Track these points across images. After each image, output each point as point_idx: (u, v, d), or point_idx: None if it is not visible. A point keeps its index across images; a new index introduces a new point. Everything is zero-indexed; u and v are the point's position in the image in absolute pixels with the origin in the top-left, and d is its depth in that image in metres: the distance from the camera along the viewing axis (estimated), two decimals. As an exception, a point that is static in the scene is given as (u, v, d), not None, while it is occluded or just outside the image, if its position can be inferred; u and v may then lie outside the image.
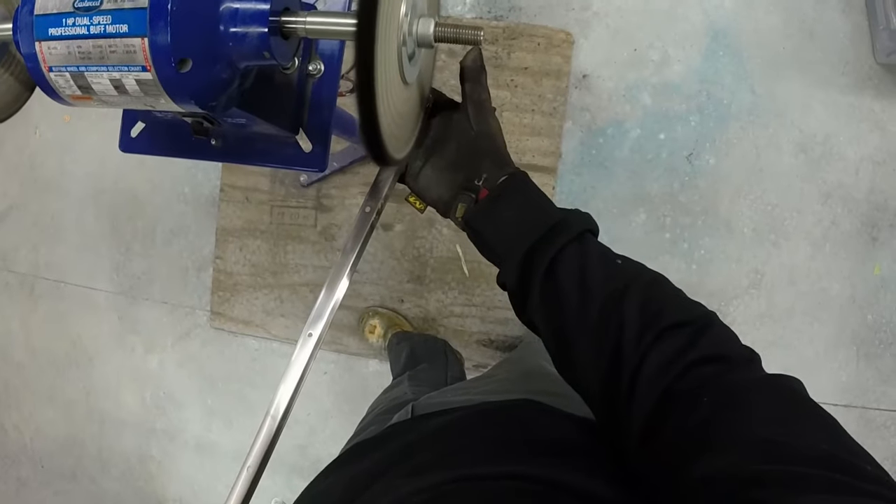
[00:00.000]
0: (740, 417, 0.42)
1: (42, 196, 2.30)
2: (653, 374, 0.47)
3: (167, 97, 0.57)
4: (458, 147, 0.65)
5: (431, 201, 0.67)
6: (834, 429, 0.41)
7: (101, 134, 2.21)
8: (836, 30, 1.80)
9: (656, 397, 0.46)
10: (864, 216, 1.84)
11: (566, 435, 0.57)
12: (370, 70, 0.43)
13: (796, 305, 1.87)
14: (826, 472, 0.35)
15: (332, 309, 0.63)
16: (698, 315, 0.51)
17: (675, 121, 1.85)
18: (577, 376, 0.55)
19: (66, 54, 0.56)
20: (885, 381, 1.87)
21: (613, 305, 0.52)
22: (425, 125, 0.67)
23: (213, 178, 2.09)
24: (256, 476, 0.58)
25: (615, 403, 0.50)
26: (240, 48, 0.58)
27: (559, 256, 0.56)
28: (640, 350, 0.48)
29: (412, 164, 0.67)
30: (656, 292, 0.54)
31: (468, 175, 0.64)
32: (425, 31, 0.55)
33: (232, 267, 2.07)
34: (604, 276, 0.55)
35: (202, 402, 2.20)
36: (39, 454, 2.44)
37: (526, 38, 1.84)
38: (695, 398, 0.44)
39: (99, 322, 2.27)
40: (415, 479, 0.49)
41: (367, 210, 0.66)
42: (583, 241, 0.57)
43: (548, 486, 0.45)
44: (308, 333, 0.62)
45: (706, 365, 0.47)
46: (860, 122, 1.82)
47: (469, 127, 0.64)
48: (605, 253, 0.58)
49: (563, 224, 0.58)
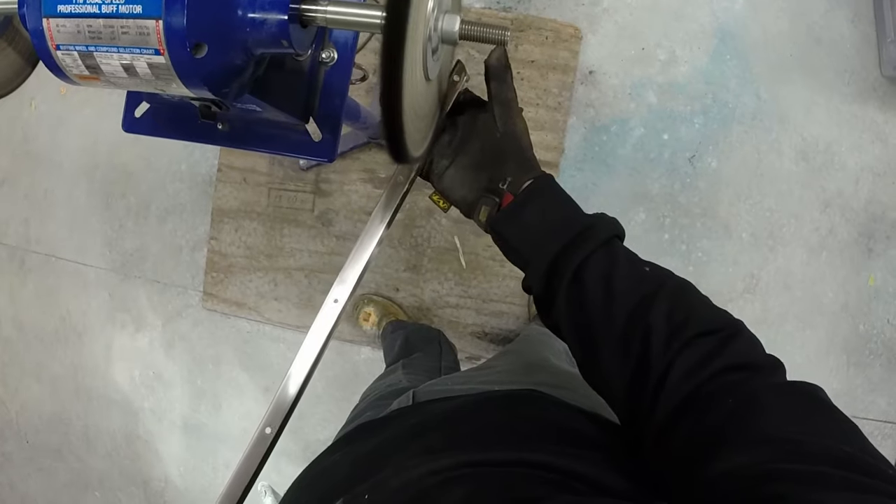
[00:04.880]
0: (761, 417, 0.42)
1: (34, 169, 2.27)
2: (679, 379, 0.47)
3: (179, 82, 0.56)
4: (482, 147, 0.64)
5: (455, 202, 0.66)
6: (854, 432, 0.41)
7: (97, 108, 2.18)
8: (843, 39, 1.80)
9: (680, 400, 0.47)
10: (861, 226, 1.85)
11: (576, 426, 0.57)
12: (398, 65, 0.42)
13: (790, 311, 1.88)
14: (845, 472, 0.36)
15: (359, 274, 0.64)
16: (725, 323, 0.51)
17: (679, 121, 1.84)
18: (602, 380, 0.55)
19: (74, 33, 0.54)
20: (874, 391, 1.88)
21: (640, 313, 0.52)
22: (441, 123, 0.66)
23: (211, 157, 2.07)
24: (273, 443, 0.60)
25: (639, 406, 0.50)
26: (257, 35, 0.56)
27: (586, 263, 0.56)
28: (667, 357, 0.48)
29: (438, 162, 0.66)
30: (684, 300, 0.53)
31: (492, 177, 0.63)
32: (451, 28, 0.53)
33: (227, 248, 2.05)
34: (631, 283, 0.54)
35: (191, 382, 2.19)
36: (25, 430, 2.43)
37: (534, 30, 1.82)
38: (717, 400, 0.45)
39: (89, 298, 2.25)
40: (428, 460, 0.48)
41: (400, 180, 0.66)
42: (610, 246, 0.57)
43: (562, 474, 0.45)
44: (333, 300, 0.63)
45: (732, 373, 0.47)
46: (862, 133, 1.82)
47: (495, 127, 0.63)
48: (632, 259, 0.57)
49: (590, 230, 0.57)
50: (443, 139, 0.66)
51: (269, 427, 0.60)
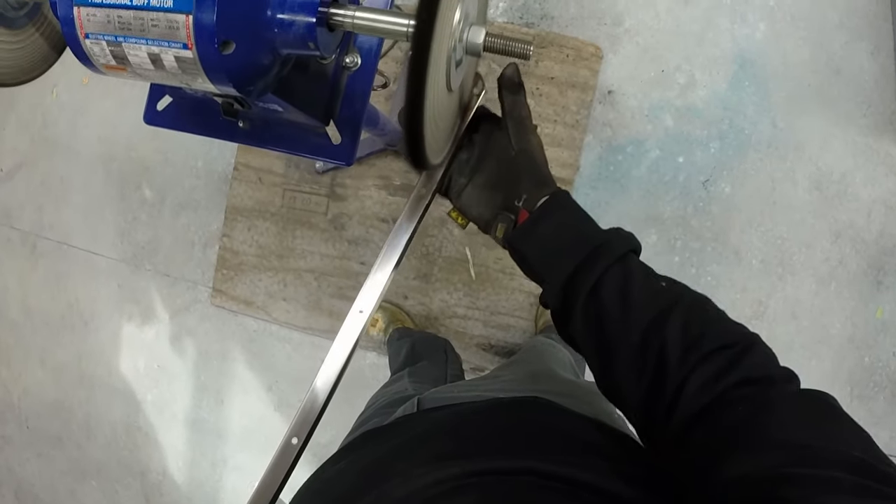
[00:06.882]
0: (774, 422, 0.42)
1: (52, 156, 2.29)
2: (694, 392, 0.48)
3: (205, 77, 0.56)
4: (498, 165, 0.65)
5: (473, 219, 0.68)
6: (866, 440, 0.41)
7: (118, 100, 2.20)
8: (862, 71, 1.80)
9: (695, 412, 0.47)
10: (871, 258, 1.84)
11: (581, 434, 0.57)
12: (423, 72, 0.43)
13: (796, 340, 1.87)
14: (857, 478, 0.36)
15: (384, 285, 0.66)
16: (741, 337, 0.51)
17: (695, 145, 1.84)
18: (618, 392, 0.55)
19: (105, 22, 0.54)
20: (877, 424, 1.87)
21: (657, 327, 0.52)
22: (460, 134, 0.67)
23: (228, 155, 2.08)
24: (299, 454, 0.60)
25: (654, 418, 0.50)
26: (285, 35, 0.57)
27: (602, 279, 0.56)
28: (683, 371, 0.49)
29: (456, 180, 0.67)
30: (700, 314, 0.53)
31: (507, 195, 0.63)
32: (475, 40, 0.54)
33: (238, 246, 2.06)
34: (647, 298, 0.55)
35: (195, 377, 2.19)
36: (26, 414, 2.44)
37: (556, 47, 1.83)
38: (731, 408, 0.45)
39: (98, 287, 2.27)
40: (434, 469, 0.48)
41: (422, 193, 0.67)
42: (626, 261, 0.57)
43: (567, 483, 0.45)
44: (358, 310, 0.64)
45: (747, 386, 0.47)
46: (877, 165, 1.82)
47: (509, 145, 0.64)
48: (648, 274, 0.58)
49: (606, 245, 0.58)
50: (461, 157, 0.67)
51: (296, 437, 0.60)
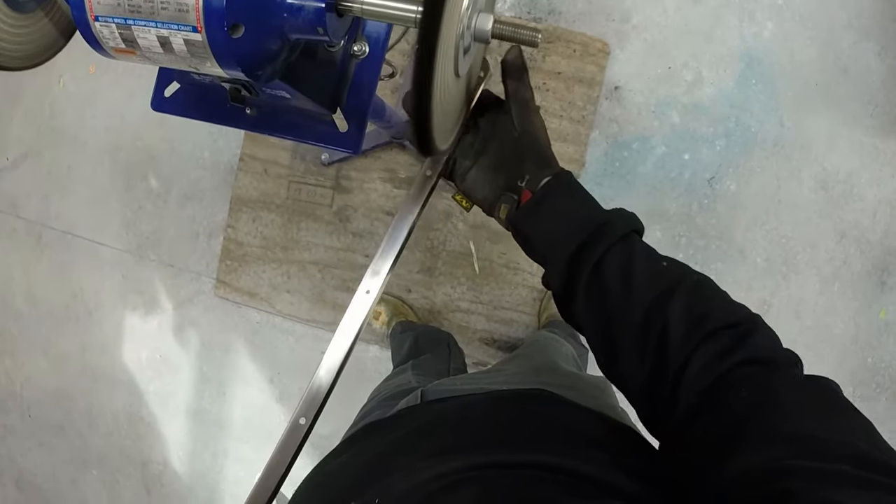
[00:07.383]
0: (778, 413, 0.42)
1: (58, 146, 2.29)
2: (697, 372, 0.48)
3: (214, 61, 0.57)
4: (501, 147, 0.65)
5: (477, 201, 0.68)
6: (870, 430, 0.41)
7: (125, 90, 2.20)
8: (869, 71, 1.80)
9: (698, 393, 0.47)
10: (876, 259, 1.84)
11: (584, 427, 0.57)
12: (431, 57, 0.43)
13: (799, 339, 1.87)
14: (861, 471, 0.35)
15: (390, 266, 0.65)
16: (744, 317, 0.51)
17: (701, 142, 1.84)
18: (621, 374, 0.55)
19: (114, 5, 0.55)
20: (879, 425, 1.81)
21: (659, 307, 0.52)
22: (467, 120, 0.67)
23: (234, 146, 2.08)
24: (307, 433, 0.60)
25: (657, 400, 0.50)
26: (294, 20, 0.57)
27: (604, 258, 0.56)
28: (686, 351, 0.49)
29: (460, 163, 0.67)
30: (702, 294, 0.53)
31: (510, 176, 0.64)
32: (484, 27, 0.54)
33: (243, 237, 2.07)
34: (649, 278, 0.54)
35: (198, 368, 2.20)
36: (28, 403, 2.45)
37: (563, 43, 1.83)
38: (735, 394, 0.45)
39: (102, 277, 2.27)
40: (436, 462, 0.48)
41: (429, 174, 0.67)
42: (628, 241, 0.57)
43: (570, 476, 0.45)
44: (365, 290, 0.64)
45: (750, 366, 0.47)
46: (883, 166, 1.81)
47: (512, 126, 0.64)
48: (650, 254, 0.57)
49: (609, 225, 0.58)
50: (465, 140, 0.67)
51: (304, 417, 0.60)
